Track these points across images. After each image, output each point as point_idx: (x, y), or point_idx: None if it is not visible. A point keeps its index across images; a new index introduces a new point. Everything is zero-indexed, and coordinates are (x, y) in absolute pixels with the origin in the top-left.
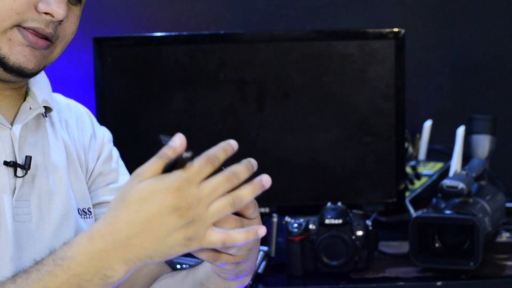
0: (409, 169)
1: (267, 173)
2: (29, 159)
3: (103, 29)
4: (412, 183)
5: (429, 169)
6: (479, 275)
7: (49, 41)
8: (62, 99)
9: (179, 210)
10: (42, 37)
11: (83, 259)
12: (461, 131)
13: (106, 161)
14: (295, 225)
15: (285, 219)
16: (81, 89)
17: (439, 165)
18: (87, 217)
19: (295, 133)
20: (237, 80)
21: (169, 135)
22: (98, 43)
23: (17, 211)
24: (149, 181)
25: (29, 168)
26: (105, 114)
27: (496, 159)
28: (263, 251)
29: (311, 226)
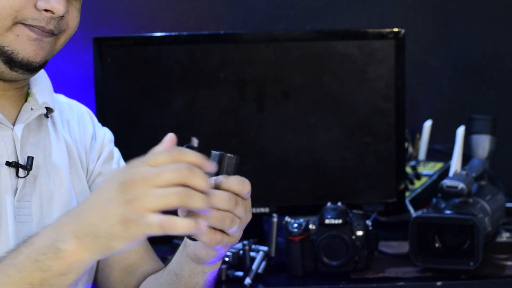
0: (409, 169)
1: (267, 173)
2: (31, 159)
3: (103, 29)
4: (412, 183)
5: (429, 169)
6: (479, 275)
7: (53, 34)
8: (64, 99)
9: (122, 185)
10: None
11: (44, 232)
12: (461, 131)
13: (106, 161)
14: (295, 225)
15: (285, 219)
16: (81, 89)
17: (439, 165)
18: None
19: (295, 133)
20: (237, 80)
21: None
22: (98, 43)
23: (18, 211)
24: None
25: (31, 168)
26: (105, 114)
27: (496, 159)
28: (263, 251)
29: (311, 226)
